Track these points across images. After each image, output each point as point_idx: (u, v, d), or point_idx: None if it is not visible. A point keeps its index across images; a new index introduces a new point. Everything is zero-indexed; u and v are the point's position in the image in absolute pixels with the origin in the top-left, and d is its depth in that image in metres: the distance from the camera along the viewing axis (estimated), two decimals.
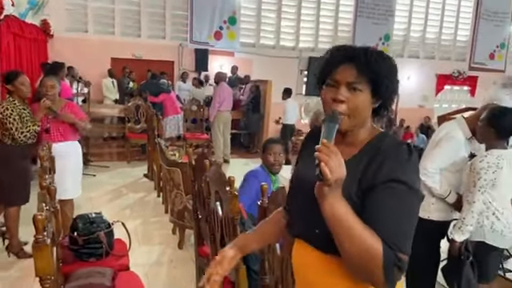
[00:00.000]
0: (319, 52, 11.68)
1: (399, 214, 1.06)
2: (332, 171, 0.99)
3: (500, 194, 2.50)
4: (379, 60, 1.14)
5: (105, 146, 8.86)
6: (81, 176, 3.98)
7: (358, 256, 1.03)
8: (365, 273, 1.05)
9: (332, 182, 1.00)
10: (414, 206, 1.11)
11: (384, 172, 1.09)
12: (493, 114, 2.50)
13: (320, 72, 1.22)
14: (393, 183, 1.07)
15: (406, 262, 1.05)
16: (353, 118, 1.15)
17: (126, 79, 9.57)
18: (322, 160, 0.99)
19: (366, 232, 1.03)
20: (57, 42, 9.14)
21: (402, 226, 1.06)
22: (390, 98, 1.19)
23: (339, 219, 1.04)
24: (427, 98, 13.19)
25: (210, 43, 10.56)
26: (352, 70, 1.13)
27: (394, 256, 1.02)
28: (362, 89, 1.13)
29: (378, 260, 1.01)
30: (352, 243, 1.03)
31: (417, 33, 12.81)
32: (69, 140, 3.73)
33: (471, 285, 2.53)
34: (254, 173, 3.01)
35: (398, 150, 1.13)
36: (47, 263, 1.42)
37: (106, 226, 2.79)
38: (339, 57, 1.17)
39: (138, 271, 3.20)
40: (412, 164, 1.12)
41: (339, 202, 1.04)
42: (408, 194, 1.08)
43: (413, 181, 1.10)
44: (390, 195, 1.07)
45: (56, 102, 3.66)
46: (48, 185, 1.99)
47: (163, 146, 4.48)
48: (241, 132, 9.87)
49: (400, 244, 1.03)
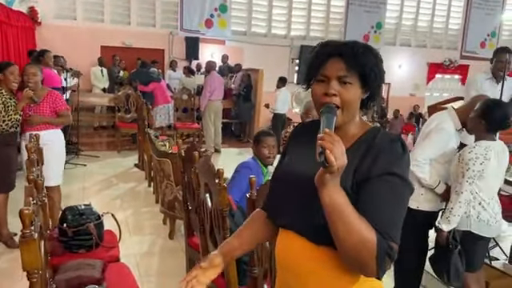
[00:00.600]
0: (311, 40, 11.67)
1: (393, 205, 1.11)
2: (337, 158, 1.00)
3: (487, 184, 2.53)
4: (366, 52, 1.17)
5: (95, 136, 8.80)
6: (63, 165, 3.99)
7: (354, 245, 1.06)
8: (358, 262, 1.08)
9: (335, 170, 1.01)
10: (405, 198, 1.16)
11: (379, 165, 1.12)
12: (486, 105, 2.52)
13: (308, 69, 1.23)
14: (388, 176, 1.11)
15: (396, 251, 1.09)
16: (345, 111, 1.18)
17: (116, 68, 9.47)
18: (327, 147, 1.00)
19: (362, 222, 1.06)
20: (45, 29, 9.01)
21: (394, 216, 1.11)
22: (377, 88, 1.23)
23: (337, 208, 1.06)
24: (418, 86, 13.24)
25: (200, 31, 10.46)
26: (341, 64, 1.16)
27: (386, 245, 1.06)
28: (352, 82, 1.16)
29: (372, 249, 1.04)
30: (348, 232, 1.05)
31: (409, 21, 12.80)
32: (50, 128, 3.71)
33: (459, 273, 2.58)
34: (246, 164, 3.00)
35: (392, 145, 1.16)
36: (34, 257, 1.42)
37: (95, 217, 2.78)
38: (327, 52, 1.19)
39: (128, 262, 3.22)
40: (405, 159, 1.17)
41: (338, 191, 1.07)
42: (402, 186, 1.13)
43: (406, 174, 1.15)
44: (385, 187, 1.11)
45: (38, 90, 3.63)
46: (35, 178, 1.97)
47: (153, 136, 4.46)
48: (232, 121, 9.85)
49: (392, 233, 1.08)
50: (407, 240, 2.74)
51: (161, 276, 3.42)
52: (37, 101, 3.58)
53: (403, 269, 2.90)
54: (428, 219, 2.79)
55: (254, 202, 2.02)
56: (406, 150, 1.17)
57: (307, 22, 11.75)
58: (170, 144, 4.91)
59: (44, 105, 3.66)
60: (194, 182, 2.55)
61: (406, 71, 12.80)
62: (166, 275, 3.42)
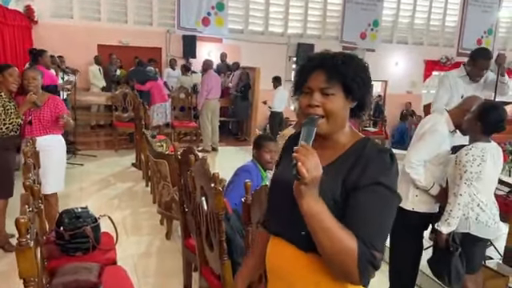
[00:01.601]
0: (308, 38, 11.66)
1: (380, 216, 1.14)
2: (308, 170, 1.05)
3: (484, 186, 2.55)
4: (347, 62, 1.19)
5: (92, 135, 8.78)
6: (64, 170, 3.93)
7: (335, 253, 1.09)
8: (341, 269, 1.11)
9: (309, 181, 1.06)
10: (392, 208, 1.18)
11: (368, 175, 1.15)
12: (483, 108, 2.55)
13: (295, 82, 1.28)
14: (377, 186, 1.14)
15: (380, 260, 1.12)
16: (331, 121, 1.21)
17: (113, 66, 9.45)
18: (300, 160, 1.05)
19: (343, 231, 1.09)
20: (41, 28, 8.97)
21: (379, 226, 1.13)
22: (364, 97, 1.24)
23: (316, 217, 1.10)
24: (415, 83, 13.25)
25: (197, 29, 10.44)
26: (322, 76, 1.20)
27: (369, 254, 1.08)
28: (334, 92, 1.19)
29: (354, 257, 1.07)
30: (328, 241, 1.09)
31: (405, 18, 12.79)
32: (52, 133, 3.67)
33: (460, 275, 2.60)
34: (245, 168, 3.00)
35: (380, 156, 1.19)
36: (31, 266, 1.43)
37: (92, 220, 2.79)
38: (310, 65, 1.23)
39: (126, 263, 3.25)
40: (394, 170, 1.19)
41: (316, 201, 1.10)
42: (388, 197, 1.15)
43: (394, 184, 1.17)
44: (371, 197, 1.13)
45: (39, 95, 3.61)
46: (31, 184, 1.98)
47: (149, 137, 4.47)
48: (229, 120, 9.85)
49: (376, 243, 1.10)
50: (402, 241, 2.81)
51: (158, 277, 3.44)
52: (40, 105, 3.53)
53: (398, 269, 2.93)
54: (423, 220, 2.82)
55: (249, 206, 2.04)
56: (394, 161, 1.19)
57: (304, 20, 11.74)
58: (167, 145, 4.92)
59: (45, 109, 3.61)
60: (190, 185, 2.56)
61: (402, 69, 12.81)
62: (163, 276, 3.44)
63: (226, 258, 2.28)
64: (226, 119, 9.75)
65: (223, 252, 2.27)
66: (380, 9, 12.04)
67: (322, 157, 1.23)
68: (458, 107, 2.79)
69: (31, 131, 3.59)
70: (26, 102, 3.49)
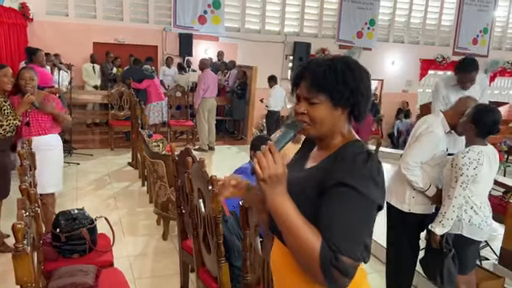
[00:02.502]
0: (305, 37, 11.66)
1: (344, 218, 1.10)
2: (262, 168, 1.09)
3: (479, 189, 2.57)
4: (326, 72, 1.19)
5: (88, 133, 8.76)
6: (62, 170, 3.91)
7: (298, 250, 1.11)
8: (306, 268, 1.12)
9: (265, 178, 1.10)
10: (362, 210, 1.12)
11: (335, 175, 1.14)
12: (477, 110, 2.55)
13: (291, 89, 1.31)
14: (342, 187, 1.12)
15: (351, 266, 1.08)
16: (317, 127, 1.23)
17: (109, 64, 9.40)
18: (256, 157, 1.11)
19: (306, 228, 1.10)
20: (36, 26, 8.91)
21: (346, 229, 1.09)
22: (353, 102, 1.21)
23: (280, 215, 1.12)
24: (411, 82, 13.29)
25: (194, 27, 10.40)
26: (306, 86, 1.22)
27: (331, 256, 1.06)
28: (319, 101, 1.21)
29: (315, 258, 1.07)
30: (293, 239, 1.11)
31: (402, 17, 12.82)
32: (49, 133, 3.64)
33: (452, 277, 2.62)
34: (243, 170, 2.99)
35: (354, 157, 1.17)
36: (28, 272, 1.42)
37: (88, 222, 2.78)
38: (299, 74, 1.26)
39: (122, 263, 3.24)
40: (366, 171, 1.14)
41: (280, 197, 1.12)
42: (356, 198, 1.11)
43: (364, 187, 1.12)
44: (336, 198, 1.12)
45: (36, 95, 3.58)
46: (27, 187, 1.97)
47: (146, 137, 4.45)
48: (226, 118, 9.84)
49: (341, 246, 1.07)
50: (399, 241, 2.82)
51: (155, 278, 3.43)
52: (38, 106, 3.51)
53: (395, 269, 2.94)
54: (419, 222, 2.83)
55: (246, 210, 2.04)
56: (368, 162, 1.15)
57: (301, 19, 11.73)
58: (164, 144, 4.90)
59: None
60: (188, 187, 2.56)
61: (398, 68, 12.84)
62: (159, 277, 3.43)
63: (224, 260, 2.28)
64: (223, 118, 9.74)
65: (221, 255, 2.27)
66: (376, 8, 12.05)
67: (314, 158, 1.32)
68: (452, 108, 2.81)
69: (29, 132, 3.56)
70: (23, 103, 3.44)
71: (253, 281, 2.10)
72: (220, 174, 3.14)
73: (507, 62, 14.02)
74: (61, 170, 3.87)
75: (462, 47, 13.33)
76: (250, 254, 2.08)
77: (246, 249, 2.10)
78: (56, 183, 3.75)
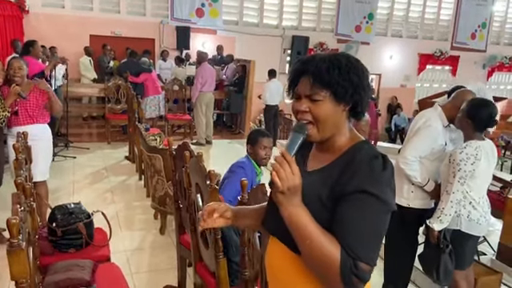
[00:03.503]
0: (303, 30, 11.62)
1: (366, 225, 1.09)
2: (282, 179, 1.05)
3: (477, 184, 2.55)
4: (330, 67, 1.15)
5: (85, 126, 8.72)
6: (50, 159, 3.94)
7: (316, 262, 1.08)
8: (324, 278, 1.10)
9: (284, 190, 1.06)
10: (381, 218, 1.12)
11: (355, 183, 1.11)
12: (471, 105, 2.53)
13: (288, 85, 1.26)
14: (362, 194, 1.09)
15: (368, 272, 1.08)
16: (321, 126, 1.19)
17: (106, 57, 9.33)
18: (274, 169, 1.06)
19: (325, 238, 1.07)
20: (32, 18, 8.82)
21: (365, 236, 1.09)
22: (356, 98, 1.19)
23: (297, 226, 1.09)
24: (409, 77, 13.28)
25: (191, 20, 10.34)
26: (307, 83, 1.18)
27: (351, 264, 1.05)
28: (322, 98, 1.17)
29: (335, 267, 1.05)
30: (311, 250, 1.08)
31: (400, 11, 12.79)
32: (38, 122, 3.64)
33: (449, 272, 2.61)
34: (240, 164, 2.96)
35: (371, 162, 1.14)
36: (23, 267, 1.40)
37: (85, 216, 2.76)
38: (298, 70, 1.21)
39: (119, 258, 3.23)
40: (385, 177, 1.13)
41: (297, 209, 1.09)
42: (376, 206, 1.10)
43: (384, 193, 1.11)
44: (357, 206, 1.09)
45: (24, 85, 3.55)
46: (23, 181, 1.94)
47: (143, 130, 4.41)
48: (223, 112, 9.80)
49: (360, 254, 1.06)
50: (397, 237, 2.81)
51: (152, 272, 3.42)
52: (25, 97, 3.49)
53: (393, 264, 2.93)
54: (418, 216, 2.82)
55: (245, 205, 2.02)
56: (386, 168, 1.14)
57: (299, 12, 11.68)
58: (161, 138, 4.87)
59: (31, 98, 3.58)
60: (186, 181, 2.53)
61: (396, 62, 12.83)
62: (157, 271, 3.42)
63: (221, 255, 2.26)
64: (221, 112, 9.70)
65: (218, 250, 2.25)
66: (375, 2, 12.02)
67: (318, 160, 1.25)
68: (450, 102, 2.78)
69: (17, 121, 3.55)
70: (10, 94, 3.43)
71: (251, 276, 2.09)
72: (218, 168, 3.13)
73: (505, 56, 14.04)
74: (49, 159, 3.90)
75: (460, 42, 13.32)
76: (248, 249, 2.07)
77: (244, 244, 2.08)
78: (43, 172, 3.76)
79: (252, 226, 1.49)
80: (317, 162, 1.24)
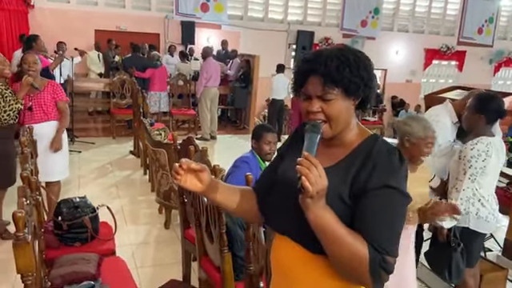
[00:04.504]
0: (308, 25, 11.55)
1: (390, 219, 1.11)
2: (312, 184, 1.02)
3: (486, 181, 2.52)
4: (341, 65, 1.14)
5: (90, 121, 8.73)
6: (68, 156, 3.91)
7: (345, 261, 1.08)
8: (352, 275, 1.11)
9: (314, 195, 1.03)
10: (401, 210, 1.15)
11: (376, 178, 1.12)
12: (479, 100, 2.51)
13: (294, 84, 1.24)
14: (386, 189, 1.11)
15: (393, 265, 1.09)
16: (333, 124, 1.18)
17: (111, 52, 9.32)
18: (303, 174, 1.02)
19: (351, 238, 1.07)
20: (38, 13, 8.83)
21: (390, 230, 1.11)
22: (366, 93, 1.19)
23: (324, 228, 1.08)
24: (415, 72, 13.19)
25: (196, 15, 10.30)
26: (318, 83, 1.15)
27: (380, 259, 1.07)
28: (333, 97, 1.15)
29: (365, 264, 1.06)
30: (338, 250, 1.08)
31: (406, 6, 12.68)
32: (53, 119, 3.63)
33: (460, 271, 2.59)
34: (244, 159, 2.96)
35: (389, 157, 1.15)
36: (29, 261, 1.40)
37: (90, 210, 2.77)
38: (305, 69, 1.19)
39: (124, 252, 3.23)
40: (403, 171, 1.15)
41: (323, 212, 1.08)
42: (397, 199, 1.12)
43: (404, 186, 1.14)
44: (380, 201, 1.11)
45: (38, 80, 3.56)
46: (28, 175, 1.94)
47: (148, 125, 4.42)
48: (228, 108, 9.79)
49: (388, 248, 1.08)
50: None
51: (157, 266, 3.43)
52: (37, 87, 3.48)
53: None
54: None
55: None
56: (403, 162, 1.16)
57: (304, 7, 11.60)
58: (166, 133, 4.87)
59: (45, 94, 3.58)
60: None
61: (402, 57, 12.74)
62: (161, 265, 3.43)
63: (226, 250, 2.26)
64: (225, 107, 9.68)
65: (223, 244, 2.25)
66: None
67: (328, 156, 1.22)
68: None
69: (32, 117, 3.55)
70: (22, 85, 3.41)
71: (256, 271, 2.09)
72: (222, 163, 3.13)
73: None
74: (67, 156, 3.87)
75: (466, 37, 13.20)
76: (253, 244, 2.06)
77: (249, 239, 2.08)
78: (62, 171, 3.77)
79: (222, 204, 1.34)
80: (327, 158, 1.21)
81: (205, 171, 1.24)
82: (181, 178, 1.21)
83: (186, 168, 1.21)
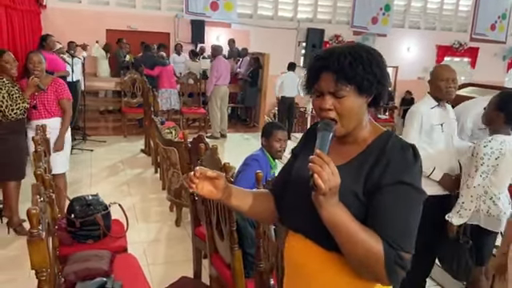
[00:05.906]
0: (318, 23, 11.51)
1: (406, 216, 1.11)
2: (325, 181, 1.02)
3: (499, 179, 2.49)
4: (354, 62, 1.13)
5: (101, 120, 8.81)
6: (69, 151, 4.03)
7: (360, 258, 1.08)
8: (368, 272, 1.11)
9: (326, 192, 1.04)
10: (416, 206, 1.14)
11: (390, 174, 1.12)
12: (501, 98, 2.49)
13: (306, 81, 1.24)
14: (400, 185, 1.11)
15: (409, 261, 1.09)
16: (345, 121, 1.17)
17: (122, 51, 9.40)
18: (315, 171, 1.02)
19: (366, 235, 1.07)
20: (50, 13, 8.93)
21: (407, 226, 1.10)
22: (379, 90, 1.19)
23: (338, 226, 1.08)
24: (427, 69, 13.05)
25: (206, 14, 10.34)
26: (331, 79, 1.15)
27: (395, 255, 1.06)
28: (346, 94, 1.15)
29: (380, 261, 1.06)
30: (353, 247, 1.08)
31: (418, 2, 12.56)
32: (56, 116, 3.74)
33: (469, 268, 2.56)
34: (254, 157, 2.95)
35: (403, 153, 1.15)
36: (43, 257, 1.43)
37: (103, 207, 2.80)
38: (318, 66, 1.18)
39: (136, 249, 3.27)
40: (417, 167, 1.15)
41: (336, 209, 1.08)
42: (412, 195, 1.12)
43: (419, 182, 1.14)
44: (394, 197, 1.11)
45: (43, 78, 3.65)
46: (42, 172, 1.97)
47: (159, 124, 4.45)
48: (238, 106, 9.80)
49: (403, 244, 1.08)
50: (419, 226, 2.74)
51: (168, 263, 3.46)
52: (43, 88, 3.60)
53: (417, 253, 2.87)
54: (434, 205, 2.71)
55: None
56: (417, 157, 1.15)
57: (314, 5, 11.56)
58: (176, 132, 4.90)
59: (49, 92, 3.69)
60: None
61: (414, 54, 12.64)
62: (173, 263, 3.46)
63: (237, 247, 2.27)
64: (235, 105, 9.70)
65: (234, 242, 2.26)
66: None
67: (341, 153, 1.22)
68: (429, 82, 2.75)
69: (36, 115, 3.67)
70: (29, 86, 3.53)
71: (266, 268, 2.10)
72: (232, 161, 3.14)
73: None
74: (68, 152, 3.99)
75: (479, 33, 13.04)
76: (263, 241, 2.07)
77: (260, 236, 2.09)
78: (63, 164, 3.85)
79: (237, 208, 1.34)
80: (340, 156, 1.21)
81: (221, 178, 1.25)
82: (196, 186, 1.21)
83: (202, 176, 1.21)
